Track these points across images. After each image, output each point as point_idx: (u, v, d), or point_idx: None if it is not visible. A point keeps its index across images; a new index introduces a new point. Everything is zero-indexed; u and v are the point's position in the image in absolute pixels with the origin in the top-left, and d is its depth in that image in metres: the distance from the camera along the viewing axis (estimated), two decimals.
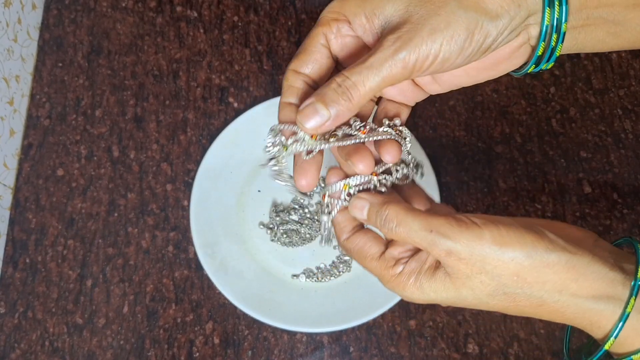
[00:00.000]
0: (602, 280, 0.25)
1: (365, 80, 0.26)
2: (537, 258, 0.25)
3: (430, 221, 0.26)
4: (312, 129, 0.28)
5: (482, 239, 0.25)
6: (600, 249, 0.27)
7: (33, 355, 0.52)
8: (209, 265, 0.52)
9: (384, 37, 0.27)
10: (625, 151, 0.58)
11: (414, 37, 0.26)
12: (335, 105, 0.27)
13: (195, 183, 0.55)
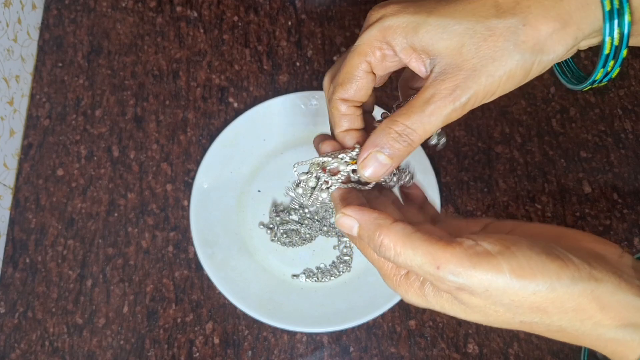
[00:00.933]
0: (628, 309, 0.23)
1: (427, 126, 0.27)
2: (562, 290, 0.23)
3: (436, 254, 0.23)
4: (374, 178, 0.29)
5: (499, 272, 0.22)
6: (625, 267, 0.24)
7: (33, 355, 0.52)
8: (209, 265, 0.52)
9: (437, 80, 0.27)
10: (625, 151, 0.58)
11: (473, 84, 0.26)
12: (397, 153, 0.28)
13: (195, 183, 0.55)
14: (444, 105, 0.26)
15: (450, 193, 0.57)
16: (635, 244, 0.55)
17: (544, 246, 0.23)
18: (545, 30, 0.25)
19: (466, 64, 0.26)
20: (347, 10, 0.64)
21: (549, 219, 0.56)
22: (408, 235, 0.24)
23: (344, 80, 0.30)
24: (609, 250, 0.25)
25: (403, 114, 0.27)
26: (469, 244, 0.23)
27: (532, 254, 0.23)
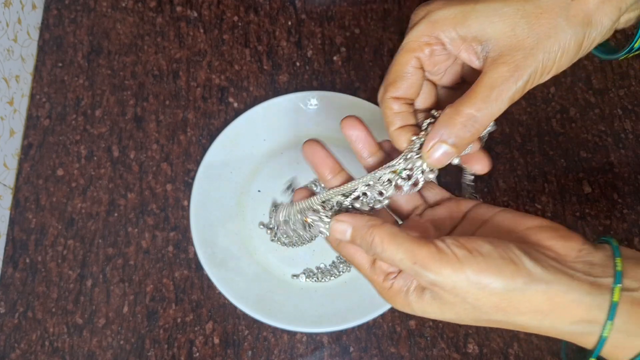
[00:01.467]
0: (580, 307, 0.25)
1: (493, 110, 0.27)
2: (516, 292, 0.25)
3: (414, 252, 0.26)
4: (438, 165, 0.29)
5: (462, 273, 0.25)
6: (581, 263, 0.26)
7: (33, 355, 0.52)
8: (209, 265, 0.52)
9: (496, 64, 0.27)
10: (625, 151, 0.58)
11: (532, 62, 0.27)
12: (462, 142, 0.28)
13: (195, 183, 0.55)
14: (508, 88, 0.27)
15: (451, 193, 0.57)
16: (635, 244, 0.55)
17: (502, 250, 0.26)
18: (593, 3, 0.26)
19: (522, 43, 0.27)
20: (347, 10, 0.64)
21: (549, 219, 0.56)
22: (394, 234, 0.27)
23: (395, 79, 0.30)
24: (569, 245, 0.27)
25: (466, 102, 0.28)
26: (441, 246, 0.26)
27: (490, 259, 0.25)
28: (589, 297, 0.25)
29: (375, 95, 0.62)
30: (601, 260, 0.27)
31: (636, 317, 0.25)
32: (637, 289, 0.26)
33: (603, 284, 0.26)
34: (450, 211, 0.32)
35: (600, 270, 0.26)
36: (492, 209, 0.30)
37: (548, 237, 0.28)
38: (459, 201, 0.32)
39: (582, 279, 0.26)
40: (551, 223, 0.29)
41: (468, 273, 0.25)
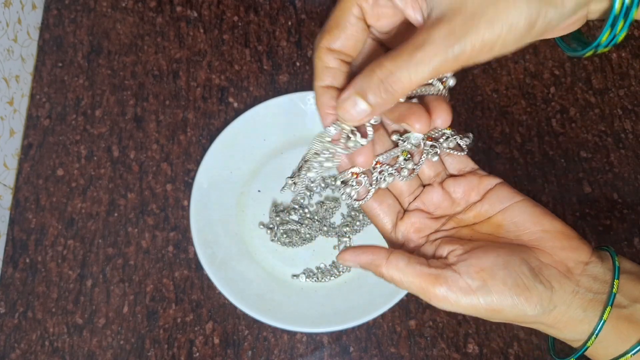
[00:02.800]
0: (574, 321, 0.28)
1: (413, 75, 0.24)
2: (525, 315, 0.27)
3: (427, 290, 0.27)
4: (352, 122, 0.27)
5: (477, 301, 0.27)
6: (586, 278, 0.28)
7: (33, 355, 0.52)
8: (209, 265, 0.52)
9: (433, 25, 0.24)
10: (625, 151, 0.58)
11: (469, 31, 0.23)
12: (377, 100, 0.25)
13: (195, 183, 0.55)
14: (434, 54, 0.23)
15: None
16: (635, 244, 0.55)
17: (517, 275, 0.27)
18: None
19: (465, 8, 0.23)
20: None
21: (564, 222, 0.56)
22: (403, 270, 0.28)
23: (332, 26, 0.27)
24: (579, 257, 0.29)
25: (390, 58, 0.24)
26: (454, 280, 0.27)
27: (504, 290, 0.27)
28: (583, 313, 0.28)
29: None
30: (603, 274, 0.29)
31: (618, 331, 0.28)
32: (626, 305, 0.28)
33: (598, 300, 0.28)
34: (470, 186, 0.32)
35: (600, 285, 0.28)
36: (513, 195, 0.31)
37: (561, 247, 0.29)
38: (482, 177, 0.32)
39: (583, 296, 0.28)
40: (565, 228, 0.30)
41: (482, 302, 0.27)
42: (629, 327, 0.28)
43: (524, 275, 0.27)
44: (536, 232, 0.29)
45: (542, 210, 0.30)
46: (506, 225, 0.30)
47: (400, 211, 0.32)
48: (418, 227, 0.31)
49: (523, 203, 0.30)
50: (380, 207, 0.32)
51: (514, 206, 0.30)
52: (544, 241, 0.29)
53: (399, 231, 0.32)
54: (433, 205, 0.32)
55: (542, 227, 0.29)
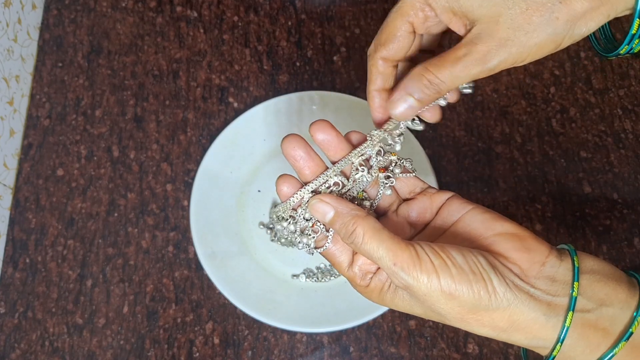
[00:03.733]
0: (535, 326, 0.27)
1: (455, 80, 0.29)
2: (480, 308, 0.26)
3: (396, 253, 0.27)
4: (402, 117, 0.31)
5: (437, 282, 0.26)
6: (542, 279, 0.27)
7: (33, 355, 0.52)
8: (209, 265, 0.52)
9: (472, 43, 0.28)
10: (625, 151, 0.58)
11: (503, 52, 0.28)
12: (423, 97, 0.30)
13: (195, 183, 0.55)
14: (473, 66, 0.28)
15: None
16: (635, 244, 0.55)
17: (473, 264, 0.27)
18: (580, 8, 0.26)
19: (500, 33, 0.27)
20: (347, 10, 0.64)
21: (549, 219, 0.56)
22: (377, 229, 0.28)
23: (387, 41, 0.31)
24: (534, 258, 0.28)
25: (435, 65, 0.29)
26: (419, 251, 0.27)
27: (462, 273, 0.26)
28: (545, 317, 0.26)
29: None
30: (563, 275, 0.27)
31: (585, 339, 0.27)
32: (591, 309, 0.27)
33: (559, 304, 0.27)
34: (423, 207, 0.32)
35: (560, 287, 0.27)
36: (464, 205, 0.31)
37: (513, 248, 0.28)
38: (432, 196, 0.32)
39: (541, 298, 0.27)
40: (518, 230, 0.29)
41: (442, 283, 0.26)
42: (596, 334, 0.26)
43: (481, 265, 0.27)
44: (489, 236, 0.29)
45: (493, 215, 0.30)
46: (461, 235, 0.30)
47: None
48: None
49: (474, 211, 0.30)
50: (335, 247, 0.32)
51: (465, 216, 0.30)
52: (498, 244, 0.28)
53: (356, 266, 0.31)
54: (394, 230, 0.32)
55: (494, 231, 0.29)
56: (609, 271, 0.28)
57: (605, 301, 0.27)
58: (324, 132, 0.32)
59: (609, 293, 0.27)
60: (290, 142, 0.32)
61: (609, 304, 0.27)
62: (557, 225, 0.56)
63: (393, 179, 0.32)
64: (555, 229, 0.55)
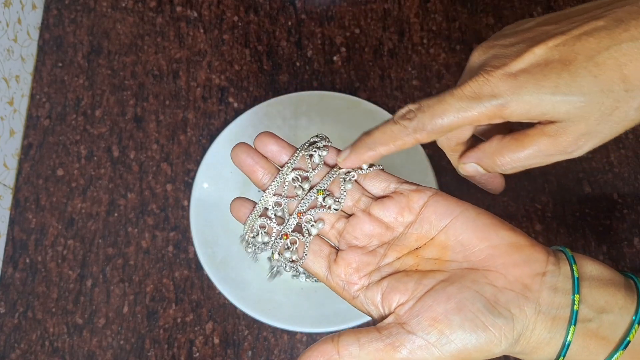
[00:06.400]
0: (541, 347, 0.26)
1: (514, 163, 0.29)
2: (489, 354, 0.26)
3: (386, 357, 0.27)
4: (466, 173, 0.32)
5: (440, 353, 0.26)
6: (545, 291, 0.26)
7: (33, 355, 0.52)
8: (209, 265, 0.52)
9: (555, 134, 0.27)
10: (625, 151, 0.58)
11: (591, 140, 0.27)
12: (491, 169, 0.30)
13: (195, 183, 0.55)
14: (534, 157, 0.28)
15: (450, 193, 0.57)
16: (635, 244, 0.55)
17: (474, 316, 0.26)
18: None
19: (588, 128, 0.26)
20: (347, 10, 0.64)
21: (549, 219, 0.56)
22: (358, 356, 0.27)
23: (457, 144, 0.32)
24: (534, 269, 0.27)
25: (511, 150, 0.29)
26: (411, 340, 0.26)
27: (464, 335, 0.26)
28: (549, 334, 0.26)
29: (375, 95, 0.62)
30: (563, 283, 0.27)
31: (586, 349, 0.26)
32: (592, 319, 0.26)
33: (561, 317, 0.26)
34: (400, 207, 0.30)
35: (562, 298, 0.26)
36: (451, 208, 0.29)
37: (513, 262, 0.27)
38: (410, 194, 0.30)
39: (546, 314, 0.26)
40: (514, 238, 0.28)
41: (446, 354, 0.26)
42: (597, 343, 0.26)
43: (480, 313, 0.26)
44: (484, 249, 0.28)
45: (486, 221, 0.28)
46: (452, 246, 0.28)
47: (331, 252, 0.30)
48: (355, 267, 0.29)
49: (464, 215, 0.29)
50: (304, 259, 0.30)
51: (455, 221, 0.29)
52: (493, 259, 0.27)
53: (335, 275, 0.29)
54: (365, 236, 0.30)
55: (489, 243, 0.28)
56: (608, 275, 0.27)
57: (605, 308, 0.26)
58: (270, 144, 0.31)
59: (608, 300, 0.26)
60: (238, 151, 0.31)
61: (608, 310, 0.26)
62: (557, 225, 0.56)
63: (354, 173, 0.31)
64: (555, 229, 0.55)
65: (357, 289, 0.29)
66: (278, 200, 0.31)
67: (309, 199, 0.31)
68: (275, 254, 0.31)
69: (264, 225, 0.31)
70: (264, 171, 0.31)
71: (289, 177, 0.31)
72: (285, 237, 0.30)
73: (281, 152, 0.31)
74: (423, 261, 0.29)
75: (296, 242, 0.30)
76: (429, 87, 0.60)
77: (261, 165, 0.31)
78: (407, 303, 0.27)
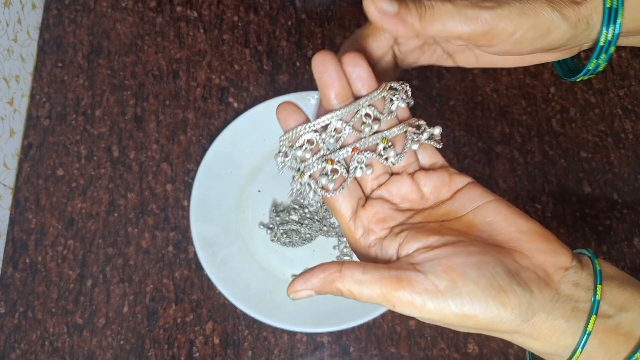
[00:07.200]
0: (557, 333, 0.26)
1: (447, 20, 0.28)
2: (500, 322, 0.25)
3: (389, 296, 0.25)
4: (374, 17, 0.28)
5: (446, 305, 0.25)
6: (566, 284, 0.26)
7: (33, 355, 0.52)
8: (209, 265, 0.52)
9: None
10: (625, 151, 0.58)
11: (505, 10, 0.28)
12: (407, 13, 0.28)
13: (195, 183, 0.55)
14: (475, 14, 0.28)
15: None
16: (635, 244, 0.55)
17: (492, 276, 0.25)
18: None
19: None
20: (347, 10, 0.64)
21: (549, 219, 0.56)
22: (360, 280, 0.26)
23: (367, 35, 0.32)
24: (559, 262, 0.27)
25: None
26: (418, 281, 0.25)
27: (477, 291, 0.25)
28: (566, 324, 0.25)
29: None
30: (585, 280, 0.27)
31: (605, 345, 0.26)
32: (612, 315, 0.26)
33: (581, 309, 0.26)
34: (441, 182, 0.30)
35: (583, 293, 0.26)
36: (484, 195, 0.29)
37: (539, 249, 0.27)
38: (453, 175, 0.30)
39: (564, 304, 0.26)
40: (543, 230, 0.28)
41: (451, 306, 0.25)
42: (617, 340, 0.26)
43: (500, 276, 0.25)
44: (512, 232, 0.27)
45: (516, 211, 0.28)
46: (479, 224, 0.28)
47: (361, 198, 0.30)
48: (381, 217, 0.29)
49: (496, 203, 0.29)
50: (339, 191, 0.29)
51: (486, 205, 0.29)
52: (520, 242, 0.27)
53: (358, 220, 0.29)
54: (400, 196, 0.30)
55: (517, 228, 0.27)
56: (626, 277, 0.27)
57: (625, 306, 0.26)
58: (359, 66, 0.29)
59: (628, 298, 0.26)
60: (325, 57, 0.28)
61: (628, 309, 0.26)
62: (557, 225, 0.56)
63: (422, 135, 0.30)
64: (555, 229, 0.55)
65: (375, 238, 0.29)
66: (340, 126, 0.29)
67: (371, 141, 0.29)
68: (306, 174, 0.29)
69: (312, 140, 0.29)
70: (340, 91, 0.29)
71: (363, 110, 0.29)
72: (330, 162, 0.29)
73: (368, 80, 0.29)
74: (447, 230, 0.28)
75: (337, 172, 0.29)
76: (429, 87, 0.60)
77: (341, 84, 0.28)
78: (425, 249, 0.27)
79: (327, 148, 0.29)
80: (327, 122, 0.29)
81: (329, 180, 0.29)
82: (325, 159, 0.29)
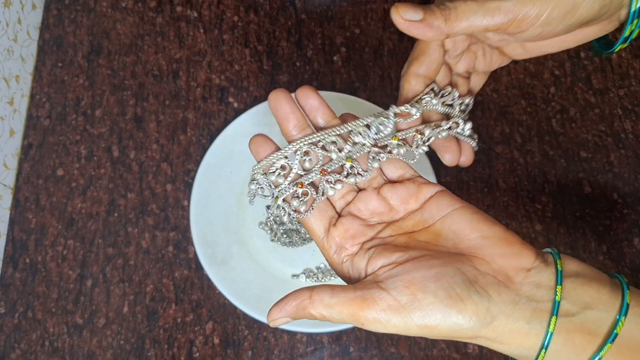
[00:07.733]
0: (519, 335, 0.26)
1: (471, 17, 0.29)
2: (462, 328, 0.26)
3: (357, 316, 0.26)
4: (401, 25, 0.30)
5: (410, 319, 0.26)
6: (528, 285, 0.27)
7: (33, 355, 0.52)
8: (209, 265, 0.52)
9: None
10: (625, 151, 0.58)
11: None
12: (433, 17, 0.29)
13: (195, 183, 0.55)
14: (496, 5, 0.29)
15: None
16: (635, 244, 0.55)
17: (450, 287, 0.26)
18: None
19: None
20: (347, 10, 0.64)
21: (549, 219, 0.56)
22: (328, 303, 0.27)
23: (419, 54, 0.32)
24: (520, 264, 0.27)
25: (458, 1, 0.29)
26: (382, 298, 0.26)
27: (435, 302, 0.26)
28: (528, 325, 0.26)
29: (375, 95, 0.62)
30: (548, 280, 0.27)
31: (571, 343, 0.26)
32: (575, 313, 0.26)
33: (543, 309, 0.26)
34: (408, 193, 0.31)
35: (545, 293, 0.26)
36: (453, 202, 0.30)
37: (500, 253, 0.28)
38: (421, 185, 0.32)
39: (525, 306, 0.26)
40: (506, 233, 0.28)
41: (414, 319, 0.26)
42: (582, 338, 0.26)
43: (457, 285, 0.26)
44: (474, 238, 0.28)
45: (482, 217, 0.29)
46: (444, 233, 0.29)
47: (334, 216, 0.32)
48: (352, 233, 0.31)
49: (462, 210, 0.30)
50: (310, 212, 0.31)
51: (452, 213, 0.30)
52: (482, 248, 0.28)
53: (331, 238, 0.31)
54: (368, 211, 0.31)
55: (480, 234, 0.28)
56: (592, 274, 0.28)
57: (590, 304, 0.26)
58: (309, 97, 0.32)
59: (592, 295, 0.26)
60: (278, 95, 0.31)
61: (593, 306, 0.26)
62: (557, 225, 0.56)
63: (384, 154, 0.31)
64: (555, 229, 0.55)
65: (346, 255, 0.30)
66: (309, 149, 0.31)
67: (337, 162, 0.31)
68: (280, 199, 0.31)
69: (285, 166, 0.31)
70: (296, 123, 0.32)
71: (330, 138, 0.31)
72: (300, 185, 0.31)
73: (319, 109, 0.32)
74: (414, 242, 0.30)
75: (307, 195, 0.31)
76: None
77: (296, 116, 0.32)
78: (388, 266, 0.28)
79: (298, 172, 0.31)
80: (295, 149, 0.31)
81: (300, 202, 0.31)
82: (296, 183, 0.31)
